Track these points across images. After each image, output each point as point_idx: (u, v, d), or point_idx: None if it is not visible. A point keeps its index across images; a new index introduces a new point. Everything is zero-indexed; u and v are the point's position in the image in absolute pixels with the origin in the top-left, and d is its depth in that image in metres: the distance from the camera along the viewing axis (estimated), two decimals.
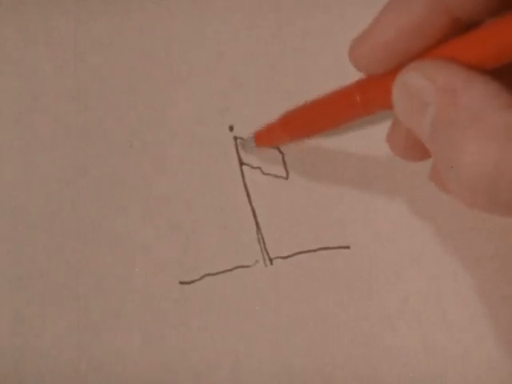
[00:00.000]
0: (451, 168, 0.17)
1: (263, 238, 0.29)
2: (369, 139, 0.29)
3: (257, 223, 0.30)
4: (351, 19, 0.29)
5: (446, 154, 0.17)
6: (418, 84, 0.18)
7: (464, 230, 0.29)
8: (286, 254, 0.29)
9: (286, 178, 0.29)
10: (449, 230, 0.29)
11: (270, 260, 0.29)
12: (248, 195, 0.30)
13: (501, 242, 0.28)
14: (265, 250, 0.29)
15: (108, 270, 0.30)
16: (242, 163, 0.30)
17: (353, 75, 0.29)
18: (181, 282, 0.30)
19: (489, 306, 0.28)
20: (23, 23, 0.31)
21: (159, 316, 0.30)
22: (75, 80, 0.31)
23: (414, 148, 0.22)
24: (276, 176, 0.30)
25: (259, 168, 0.30)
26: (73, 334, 0.31)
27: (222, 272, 0.30)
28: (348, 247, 0.29)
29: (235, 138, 0.30)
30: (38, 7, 0.31)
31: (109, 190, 0.30)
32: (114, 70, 0.31)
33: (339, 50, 0.29)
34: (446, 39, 0.18)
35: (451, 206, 0.28)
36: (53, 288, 0.31)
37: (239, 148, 0.30)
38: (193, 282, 0.30)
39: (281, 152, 0.29)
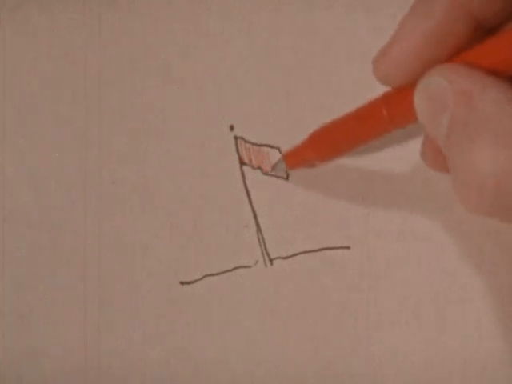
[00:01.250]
0: (460, 169, 0.17)
1: (263, 239, 0.29)
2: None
3: (257, 223, 0.30)
4: (352, 19, 0.29)
5: (457, 156, 0.17)
6: (439, 87, 0.18)
7: (464, 230, 0.29)
8: (286, 255, 0.29)
9: (287, 178, 0.29)
10: (449, 230, 0.29)
11: (271, 260, 0.29)
12: (248, 195, 0.30)
13: (502, 241, 0.28)
14: (265, 250, 0.29)
15: (108, 270, 0.30)
16: (242, 163, 0.30)
17: (351, 74, 0.29)
18: (181, 282, 0.30)
19: (490, 306, 0.28)
20: (27, 24, 0.31)
21: (159, 316, 0.30)
22: (77, 81, 0.31)
23: (445, 160, 0.22)
24: (276, 176, 0.30)
25: (260, 168, 0.30)
26: (73, 335, 0.31)
27: (223, 272, 0.30)
28: (348, 247, 0.29)
29: (235, 138, 0.30)
30: (41, 8, 0.31)
31: (109, 190, 0.30)
32: (114, 71, 0.31)
33: (340, 50, 0.29)
34: (467, 46, 0.18)
35: (452, 206, 0.28)
36: (53, 288, 0.31)
37: (272, 171, 0.29)
38: (193, 282, 0.30)
39: (281, 152, 0.29)
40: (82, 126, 0.31)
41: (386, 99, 0.22)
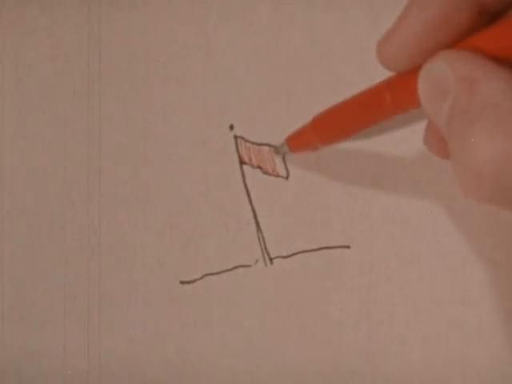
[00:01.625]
0: (460, 155, 0.17)
1: (263, 238, 0.29)
2: (371, 139, 0.29)
3: (257, 223, 0.30)
4: (352, 19, 0.29)
5: (457, 141, 0.17)
6: (442, 72, 0.18)
7: (465, 229, 0.29)
8: (286, 254, 0.29)
9: (287, 177, 0.29)
10: (449, 229, 0.29)
11: (271, 259, 0.29)
12: (248, 195, 0.30)
13: (503, 242, 0.28)
14: (265, 249, 0.29)
15: (108, 269, 0.30)
16: (242, 163, 0.30)
17: (351, 74, 0.29)
18: (181, 282, 0.30)
19: (490, 305, 0.28)
20: (27, 24, 0.31)
21: (159, 315, 0.30)
22: (77, 81, 0.31)
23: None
24: (276, 176, 0.30)
25: (259, 168, 0.30)
26: (73, 334, 0.31)
27: (223, 271, 0.30)
28: (348, 247, 0.29)
29: (235, 138, 0.30)
30: (40, 9, 0.31)
31: (109, 190, 0.30)
32: (115, 71, 0.31)
33: (340, 50, 0.29)
34: (472, 31, 0.18)
35: (452, 206, 0.28)
36: (53, 288, 0.31)
37: (276, 154, 0.29)
38: (193, 281, 0.30)
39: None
40: (81, 126, 0.31)
41: (389, 84, 0.22)
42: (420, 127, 0.28)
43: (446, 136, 0.18)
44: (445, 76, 0.18)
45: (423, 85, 0.19)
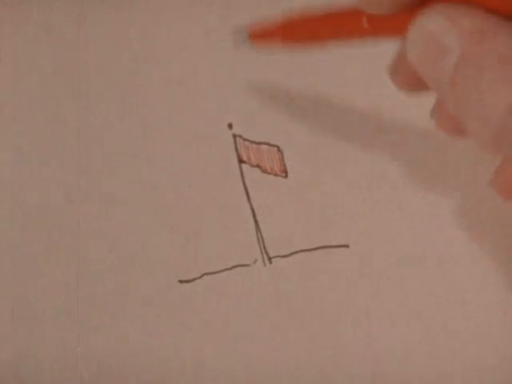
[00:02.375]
0: (476, 108, 0.17)
1: (262, 237, 0.29)
2: (370, 137, 0.29)
3: (256, 222, 0.30)
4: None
5: (469, 96, 0.17)
6: (440, 27, 0.17)
7: (465, 229, 0.29)
8: (285, 253, 0.29)
9: (286, 176, 0.29)
10: (449, 230, 0.29)
11: (269, 259, 0.29)
12: (247, 194, 0.30)
13: (501, 241, 0.28)
14: (264, 248, 0.29)
15: (108, 269, 0.30)
16: (241, 161, 0.30)
17: (350, 73, 0.29)
18: (180, 281, 0.30)
19: (489, 306, 0.28)
20: (24, 22, 0.31)
21: (158, 315, 0.30)
22: (75, 80, 0.31)
23: (415, 80, 0.21)
24: (275, 175, 0.30)
25: (258, 166, 0.30)
26: (72, 334, 0.31)
27: (221, 271, 0.30)
28: (347, 246, 0.29)
29: (234, 136, 0.30)
30: (38, 6, 0.31)
31: (109, 190, 0.31)
32: (114, 70, 0.31)
33: (339, 52, 0.29)
34: None
35: (452, 206, 0.28)
36: (52, 288, 0.31)
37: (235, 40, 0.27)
38: (192, 280, 0.30)
39: (280, 151, 0.29)
40: (80, 126, 0.31)
41: (370, 16, 0.20)
42: (419, 127, 0.28)
43: (449, 92, 0.18)
44: (443, 30, 0.17)
45: (415, 39, 0.18)
